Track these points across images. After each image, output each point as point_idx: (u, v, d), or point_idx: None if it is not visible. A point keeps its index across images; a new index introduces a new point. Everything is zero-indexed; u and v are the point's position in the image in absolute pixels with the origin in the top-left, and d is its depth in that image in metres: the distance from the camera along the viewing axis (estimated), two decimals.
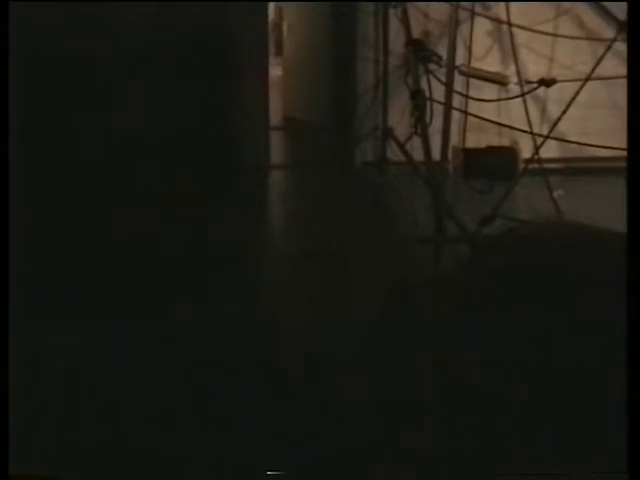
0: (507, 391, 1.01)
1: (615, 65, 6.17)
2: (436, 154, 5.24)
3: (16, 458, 1.28)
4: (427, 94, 5.33)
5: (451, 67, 5.04)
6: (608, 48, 5.44)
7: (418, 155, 5.45)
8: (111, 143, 4.57)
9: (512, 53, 5.76)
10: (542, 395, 1.00)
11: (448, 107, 4.93)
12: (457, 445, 1.04)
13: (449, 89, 4.92)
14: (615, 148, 6.01)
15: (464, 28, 6.09)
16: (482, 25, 6.10)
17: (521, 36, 5.99)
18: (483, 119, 5.75)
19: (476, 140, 6.03)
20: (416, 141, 5.50)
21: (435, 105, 5.43)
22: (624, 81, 4.98)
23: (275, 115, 6.70)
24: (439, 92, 5.43)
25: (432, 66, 5.54)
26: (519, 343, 1.03)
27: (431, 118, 5.31)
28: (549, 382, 0.99)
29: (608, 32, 5.69)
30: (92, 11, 4.64)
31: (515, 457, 1.04)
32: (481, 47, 6.18)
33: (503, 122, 5.91)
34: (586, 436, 1.07)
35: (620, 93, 6.19)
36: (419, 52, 5.46)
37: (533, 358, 0.95)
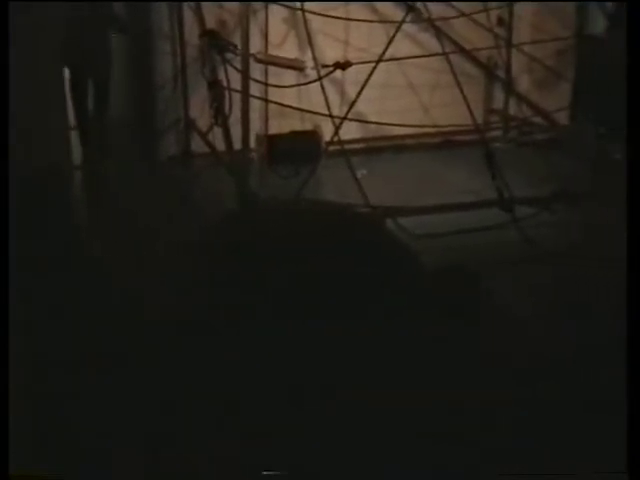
0: None
1: (408, 46, 6.37)
2: (239, 143, 5.24)
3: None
4: (225, 84, 5.31)
5: (246, 55, 5.04)
6: (397, 29, 5.60)
7: (222, 145, 5.43)
8: None
9: (307, 39, 5.80)
10: None
11: (245, 95, 4.93)
12: None
13: (245, 77, 4.92)
14: (412, 126, 6.23)
15: (260, 16, 6.11)
16: (278, 13, 6.12)
17: (317, 22, 6.05)
18: (283, 105, 5.79)
19: (279, 126, 6.06)
20: (219, 131, 5.48)
21: (237, 94, 5.42)
22: (417, 61, 5.09)
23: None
24: (239, 81, 5.43)
25: (229, 55, 5.52)
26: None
27: (230, 107, 5.29)
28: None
29: (399, 15, 5.84)
30: None
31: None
32: (278, 34, 6.20)
33: (304, 107, 5.97)
34: None
35: (413, 73, 6.38)
36: (214, 42, 5.42)
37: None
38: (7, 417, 1.20)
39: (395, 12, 6.06)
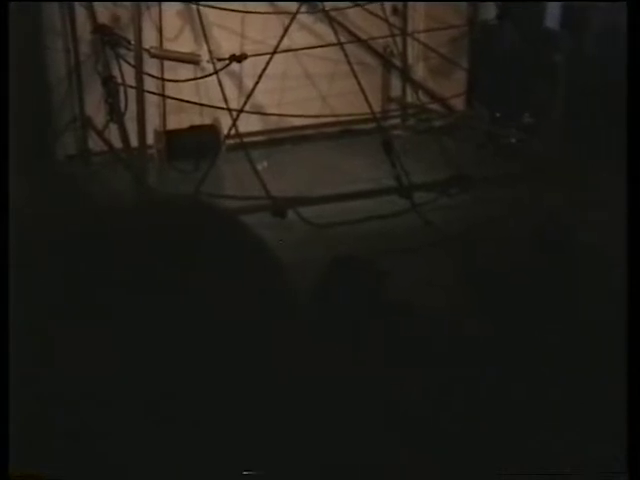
0: None
1: (304, 37, 6.40)
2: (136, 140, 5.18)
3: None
4: (119, 80, 5.25)
5: (139, 50, 5.00)
6: (292, 20, 5.62)
7: (120, 142, 5.36)
8: None
9: (202, 32, 5.77)
10: None
11: (140, 91, 4.88)
12: None
13: (139, 72, 4.87)
14: (311, 116, 6.28)
15: (154, 11, 6.04)
16: (172, 7, 6.07)
17: (212, 15, 6.02)
18: (179, 100, 5.75)
19: (178, 121, 6.01)
20: (116, 128, 5.41)
21: (134, 90, 5.36)
22: (314, 51, 5.12)
23: None
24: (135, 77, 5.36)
25: (122, 51, 5.45)
26: None
27: (126, 104, 5.23)
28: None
29: (295, 7, 5.85)
30: None
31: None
32: (173, 29, 6.14)
33: (203, 101, 5.94)
34: None
35: (311, 63, 6.42)
36: (107, 38, 5.35)
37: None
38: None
39: (291, 4, 6.08)
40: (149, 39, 5.82)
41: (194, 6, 5.79)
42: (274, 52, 5.49)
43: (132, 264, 1.09)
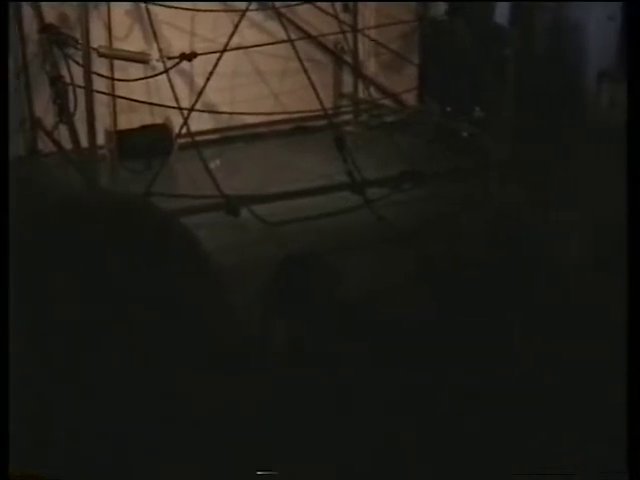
0: None
1: (255, 34, 6.38)
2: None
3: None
4: (68, 79, 5.20)
5: (87, 49, 4.95)
6: (241, 18, 5.60)
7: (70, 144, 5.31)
8: None
9: (152, 31, 5.73)
10: None
11: (89, 90, 4.83)
12: None
13: (87, 72, 4.83)
14: (263, 114, 6.27)
15: (103, 10, 5.98)
16: (121, 5, 6.01)
17: (162, 14, 5.98)
18: (130, 99, 5.71)
19: (129, 121, 5.96)
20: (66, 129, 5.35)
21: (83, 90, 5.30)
22: (265, 49, 5.09)
23: None
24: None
25: (71, 51, 5.39)
26: None
27: (75, 104, 5.18)
28: None
29: (244, 4, 5.83)
30: None
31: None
32: (122, 27, 6.09)
33: (154, 100, 5.90)
34: None
35: (262, 61, 6.41)
36: (54, 37, 5.29)
37: None
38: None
39: (241, 2, 6.06)
40: (98, 38, 5.76)
41: (143, 5, 5.74)
42: (224, 50, 5.47)
43: (62, 263, 1.09)
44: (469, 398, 2.19)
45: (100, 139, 5.53)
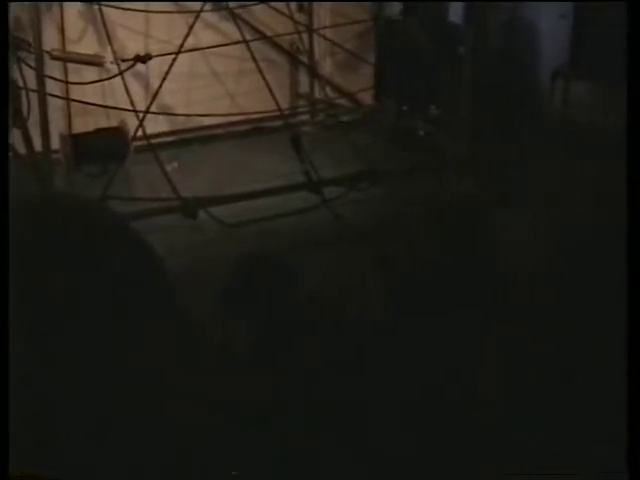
0: None
1: (210, 35, 6.36)
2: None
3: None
4: (21, 83, 5.14)
5: (39, 52, 4.90)
6: (196, 19, 5.57)
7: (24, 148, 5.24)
8: None
9: (106, 33, 5.68)
10: None
11: (42, 94, 4.79)
12: None
13: (40, 75, 4.78)
14: (219, 115, 6.26)
15: (56, 11, 5.92)
16: (74, 6, 5.95)
17: (116, 15, 5.93)
18: (84, 102, 5.66)
19: (84, 124, 5.91)
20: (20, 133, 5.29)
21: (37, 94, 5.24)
22: (220, 50, 5.07)
23: None
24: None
25: (23, 54, 5.33)
26: None
27: (29, 108, 5.12)
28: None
29: (199, 5, 5.81)
30: None
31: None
32: (75, 30, 6.03)
33: (109, 103, 5.86)
34: None
35: (217, 62, 6.39)
36: None
37: None
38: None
39: (195, 2, 6.03)
40: (51, 41, 5.71)
41: (96, 6, 5.69)
42: (179, 51, 5.45)
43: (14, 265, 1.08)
44: (440, 398, 2.19)
45: (55, 143, 5.49)
